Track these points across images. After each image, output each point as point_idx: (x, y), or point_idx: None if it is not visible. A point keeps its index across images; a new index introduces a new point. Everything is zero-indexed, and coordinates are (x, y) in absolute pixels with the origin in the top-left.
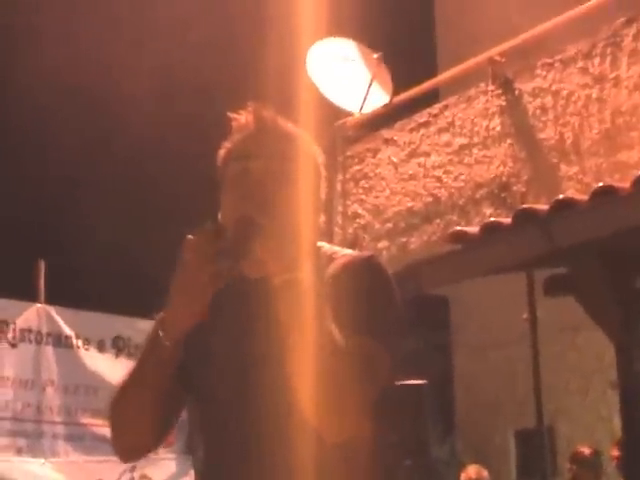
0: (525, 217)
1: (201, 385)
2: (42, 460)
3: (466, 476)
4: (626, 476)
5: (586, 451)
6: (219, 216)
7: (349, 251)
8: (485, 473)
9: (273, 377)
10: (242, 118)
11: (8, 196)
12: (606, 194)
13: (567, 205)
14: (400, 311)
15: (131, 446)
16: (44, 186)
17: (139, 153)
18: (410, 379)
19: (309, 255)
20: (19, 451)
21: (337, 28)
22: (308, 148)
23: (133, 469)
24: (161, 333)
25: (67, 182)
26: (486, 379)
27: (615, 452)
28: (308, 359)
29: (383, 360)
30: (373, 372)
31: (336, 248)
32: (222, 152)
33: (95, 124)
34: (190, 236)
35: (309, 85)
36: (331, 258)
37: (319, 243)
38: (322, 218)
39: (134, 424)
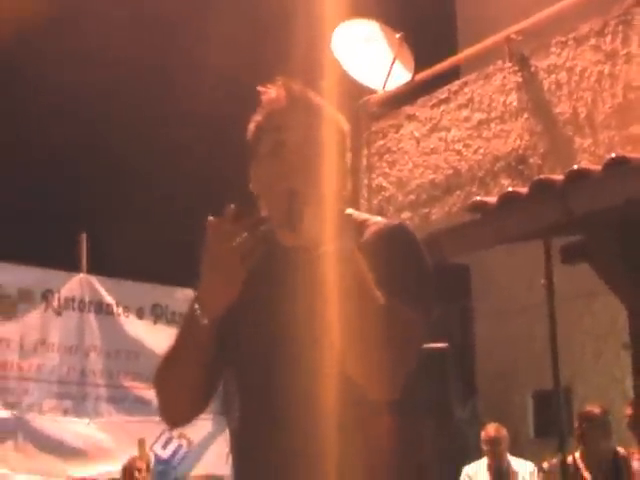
0: (542, 187)
1: (239, 351)
2: (87, 420)
3: (486, 434)
4: (638, 434)
5: (595, 410)
6: (251, 186)
7: (378, 218)
8: (504, 431)
9: (311, 343)
10: (272, 92)
11: (51, 173)
12: (619, 164)
13: (582, 175)
14: (431, 277)
15: (176, 416)
16: (85, 163)
17: (178, 126)
18: (434, 343)
19: (344, 223)
20: (65, 412)
21: (361, 9)
22: (336, 119)
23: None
24: (197, 312)
25: (107, 158)
26: (505, 343)
27: (629, 411)
28: (356, 324)
29: (417, 324)
30: (410, 335)
31: (365, 215)
32: (252, 125)
33: (137, 99)
34: (211, 218)
35: (335, 64)
36: (362, 225)
37: (348, 210)
38: (349, 186)
39: (177, 397)
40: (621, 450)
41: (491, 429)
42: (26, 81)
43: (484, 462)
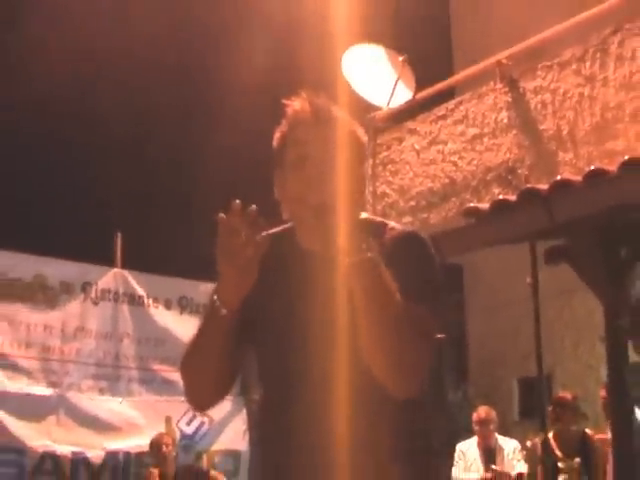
0: (528, 195)
1: (263, 339)
2: (120, 399)
3: (477, 415)
4: (611, 414)
5: (567, 396)
6: (275, 192)
7: (393, 223)
8: (493, 413)
9: (331, 336)
10: (296, 105)
11: (92, 179)
12: (597, 176)
13: (564, 185)
14: (442, 279)
15: (201, 400)
16: (121, 170)
17: (208, 130)
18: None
19: (367, 230)
20: (101, 391)
21: (368, 35)
22: (355, 131)
23: None
24: (217, 303)
25: (140, 165)
26: (494, 335)
27: (602, 393)
28: (380, 327)
29: (433, 324)
30: (428, 335)
31: (379, 219)
32: (278, 135)
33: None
34: (221, 214)
35: (345, 83)
36: (379, 228)
37: (363, 214)
38: (366, 192)
39: (201, 383)
40: (589, 431)
41: (482, 411)
42: (75, 83)
43: (475, 440)
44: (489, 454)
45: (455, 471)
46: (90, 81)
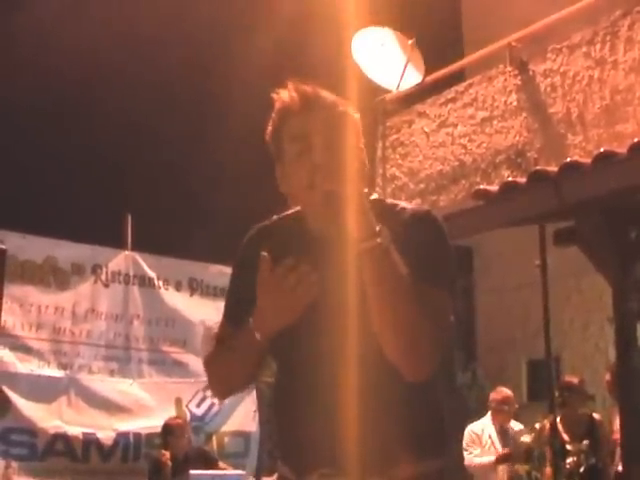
0: (538, 177)
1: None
2: (130, 380)
3: (500, 395)
4: (619, 395)
5: (574, 380)
6: (280, 187)
7: (404, 203)
8: (512, 394)
9: (348, 322)
10: (285, 96)
11: (103, 163)
12: (607, 158)
13: (574, 167)
14: (455, 260)
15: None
16: (131, 154)
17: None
18: None
19: (376, 214)
20: (111, 373)
21: (378, 18)
22: (352, 114)
23: (205, 389)
24: (257, 335)
25: (150, 149)
26: (503, 317)
27: (608, 377)
28: (392, 312)
29: (449, 305)
30: (442, 317)
31: (390, 200)
32: (271, 129)
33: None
34: (265, 254)
35: (354, 67)
36: (391, 210)
37: (373, 196)
38: (368, 171)
39: (225, 380)
40: (596, 415)
41: (502, 391)
42: (85, 66)
43: (488, 420)
44: (506, 435)
45: (468, 455)
46: (101, 64)
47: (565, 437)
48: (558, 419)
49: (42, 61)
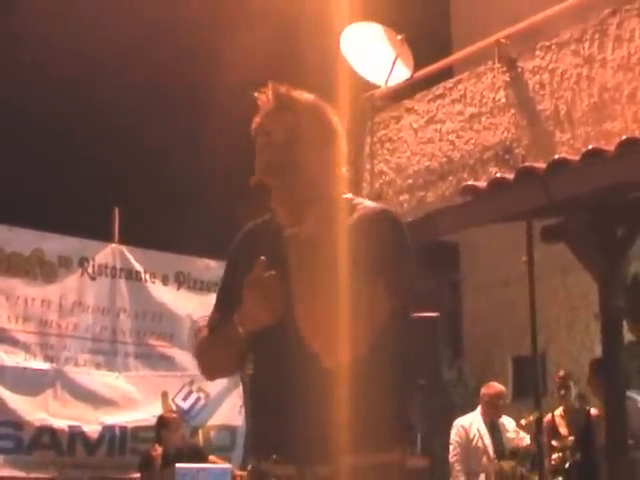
0: (526, 174)
1: None
2: (116, 374)
3: (492, 389)
4: (604, 392)
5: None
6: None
7: (368, 202)
8: (504, 389)
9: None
10: (263, 96)
11: (90, 156)
12: (594, 156)
13: (562, 164)
14: (409, 256)
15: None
16: (118, 149)
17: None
18: (426, 312)
19: (322, 206)
20: (98, 366)
21: (367, 13)
22: (322, 112)
23: (192, 383)
24: (240, 330)
25: (137, 143)
26: (489, 313)
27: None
28: (309, 293)
29: (383, 301)
30: (372, 311)
31: (360, 200)
32: (252, 127)
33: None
34: (262, 258)
35: (343, 62)
36: (354, 208)
37: (346, 195)
38: (344, 170)
39: (215, 368)
40: (593, 410)
41: (496, 386)
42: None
43: (477, 415)
44: (495, 429)
45: (455, 448)
46: (89, 61)
47: (563, 431)
48: (558, 412)
49: (30, 58)
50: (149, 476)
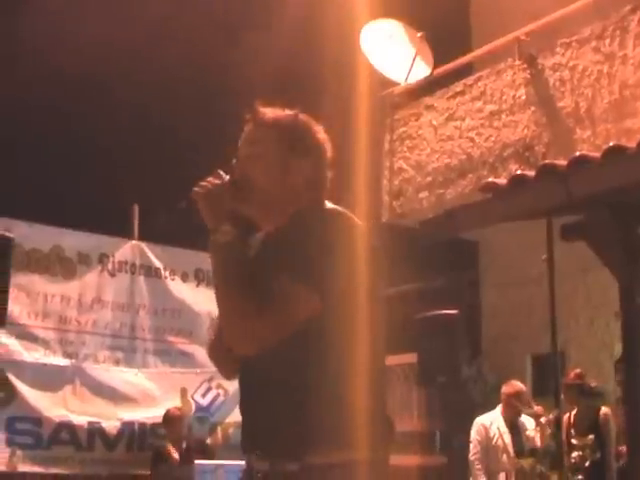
0: (546, 171)
1: None
2: (135, 370)
3: (513, 388)
4: (624, 391)
5: (577, 379)
6: None
7: (331, 206)
8: (524, 388)
9: None
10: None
11: (111, 154)
12: (616, 152)
13: (583, 161)
14: (330, 256)
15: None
16: (139, 144)
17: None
18: (445, 310)
19: (275, 212)
20: (117, 362)
21: (387, 11)
22: (286, 128)
23: (211, 379)
24: (217, 233)
25: (155, 136)
26: (508, 311)
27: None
28: (219, 291)
29: (299, 298)
30: (287, 308)
31: (329, 206)
32: None
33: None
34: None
35: (363, 59)
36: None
37: (328, 203)
38: (299, 179)
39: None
40: (604, 410)
41: (517, 384)
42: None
43: (497, 413)
44: (516, 428)
45: (475, 446)
46: (109, 57)
47: (572, 431)
48: (573, 413)
49: (48, 53)
50: (163, 472)
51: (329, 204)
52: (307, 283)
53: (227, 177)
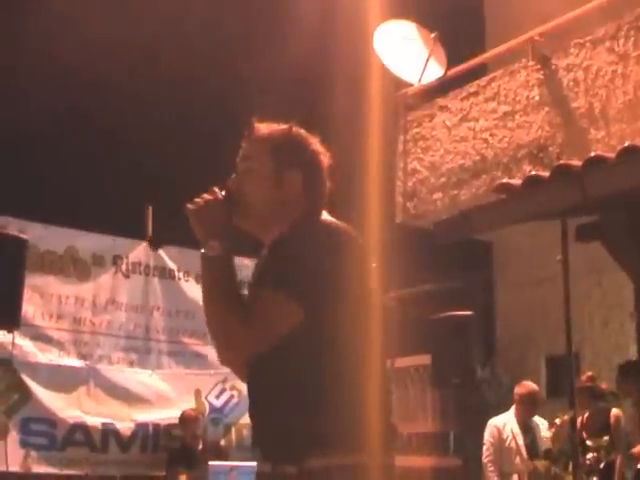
0: (561, 172)
1: None
2: (150, 371)
3: (527, 389)
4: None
5: (588, 382)
6: None
7: (326, 218)
8: (538, 389)
9: None
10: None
11: (124, 156)
12: (631, 153)
13: (598, 162)
14: (318, 265)
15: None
16: (151, 147)
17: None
18: (459, 311)
19: (272, 226)
20: (131, 364)
21: (400, 11)
22: (281, 143)
23: (225, 381)
24: (206, 249)
25: (169, 137)
26: (523, 312)
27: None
28: (206, 303)
29: (280, 309)
30: (267, 318)
31: (326, 217)
32: None
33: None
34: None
35: (377, 60)
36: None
37: (325, 214)
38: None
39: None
40: (614, 411)
41: (529, 385)
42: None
43: (511, 415)
44: (529, 430)
45: (488, 448)
46: (121, 57)
47: (587, 433)
48: (586, 415)
49: (63, 52)
50: (180, 474)
51: (326, 216)
52: (288, 294)
53: (222, 193)
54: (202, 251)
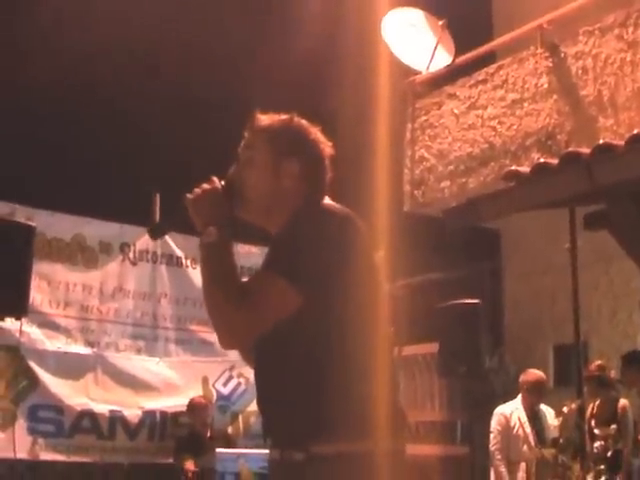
0: (570, 159)
1: None
2: (157, 359)
3: (534, 377)
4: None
5: (598, 371)
6: None
7: (328, 204)
8: (544, 377)
9: None
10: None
11: (132, 142)
12: (639, 141)
13: (606, 149)
14: (313, 253)
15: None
16: (159, 134)
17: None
18: (467, 299)
19: (275, 215)
20: (138, 351)
21: None
22: (275, 130)
23: (232, 368)
24: (203, 236)
25: (175, 126)
26: (530, 300)
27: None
28: (205, 288)
29: (277, 293)
30: (264, 303)
31: (328, 203)
32: None
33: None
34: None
35: (385, 48)
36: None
37: (326, 201)
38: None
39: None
40: (622, 401)
41: (535, 373)
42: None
43: (518, 403)
44: (536, 418)
45: (495, 436)
46: (131, 46)
47: (595, 421)
48: (597, 404)
49: (69, 41)
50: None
51: (328, 202)
52: (286, 278)
53: (221, 183)
54: (199, 240)
